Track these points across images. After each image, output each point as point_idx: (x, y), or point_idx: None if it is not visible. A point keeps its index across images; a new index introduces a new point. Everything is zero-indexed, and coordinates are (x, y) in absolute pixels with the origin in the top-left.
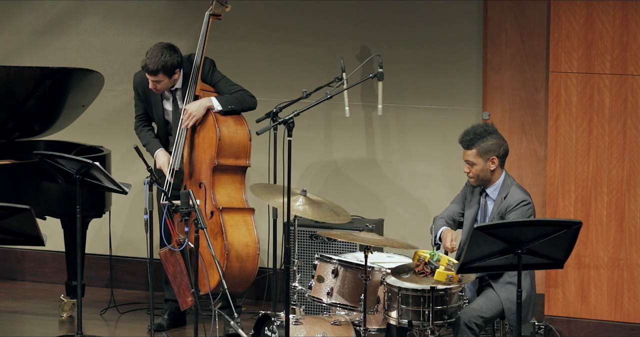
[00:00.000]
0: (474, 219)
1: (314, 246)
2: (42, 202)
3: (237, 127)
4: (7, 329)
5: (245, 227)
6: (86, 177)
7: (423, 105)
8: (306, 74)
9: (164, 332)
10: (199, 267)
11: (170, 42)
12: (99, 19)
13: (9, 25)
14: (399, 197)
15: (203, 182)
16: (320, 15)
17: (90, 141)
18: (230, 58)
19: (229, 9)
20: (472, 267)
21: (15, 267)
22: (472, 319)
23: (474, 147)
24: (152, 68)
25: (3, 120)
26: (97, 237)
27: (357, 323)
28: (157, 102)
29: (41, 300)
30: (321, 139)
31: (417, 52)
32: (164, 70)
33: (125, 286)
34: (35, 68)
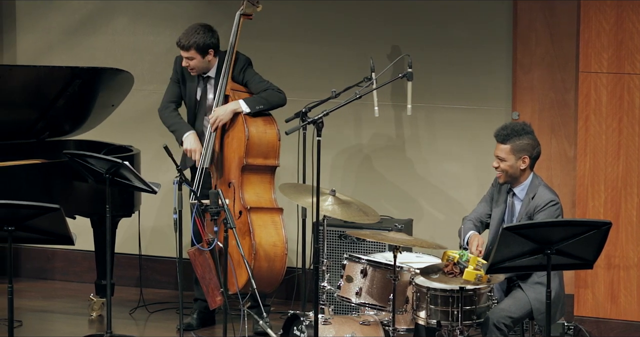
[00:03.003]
0: (501, 218)
1: (343, 246)
2: (72, 201)
3: (266, 127)
4: (37, 328)
5: (274, 227)
6: (116, 177)
7: (453, 106)
8: (336, 73)
9: (193, 332)
10: (227, 266)
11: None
12: (128, 19)
13: (39, 25)
14: (429, 197)
15: (232, 181)
16: (351, 15)
17: (119, 141)
18: (259, 58)
19: (260, 8)
20: (501, 267)
21: (46, 267)
22: (500, 320)
23: (509, 143)
24: (185, 43)
25: (33, 119)
26: (126, 236)
27: (385, 323)
28: (191, 85)
29: (71, 299)
30: (351, 138)
31: (447, 52)
32: (196, 47)
33: (155, 285)
34: (65, 68)
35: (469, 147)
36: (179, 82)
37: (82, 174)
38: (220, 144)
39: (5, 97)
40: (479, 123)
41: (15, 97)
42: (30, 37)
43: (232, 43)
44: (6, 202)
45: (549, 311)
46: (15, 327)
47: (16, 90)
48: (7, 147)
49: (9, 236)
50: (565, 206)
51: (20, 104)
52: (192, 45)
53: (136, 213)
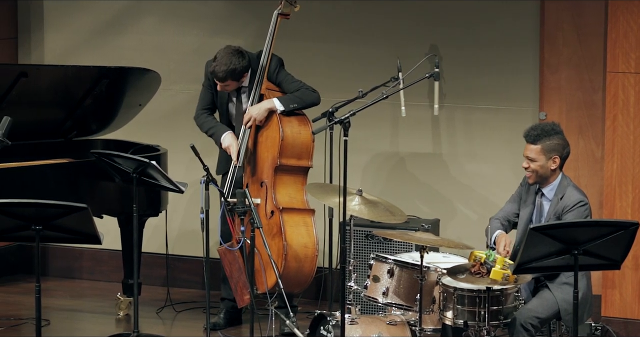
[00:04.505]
0: (529, 219)
1: (370, 246)
2: (99, 201)
3: (301, 127)
4: (64, 327)
5: (305, 228)
6: (143, 176)
7: (480, 106)
8: (362, 73)
9: (220, 331)
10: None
11: (238, 47)
12: (156, 19)
13: (66, 25)
14: (455, 197)
15: (265, 181)
16: (378, 15)
17: (147, 140)
18: (287, 57)
19: (298, 8)
20: (528, 267)
21: (73, 266)
22: (528, 320)
23: (539, 143)
24: (221, 76)
25: (61, 119)
26: (153, 235)
27: (412, 323)
28: (223, 93)
29: (98, 298)
30: (380, 138)
31: (474, 52)
32: (232, 77)
33: (182, 284)
34: (92, 67)
35: (495, 147)
36: (211, 87)
37: (109, 173)
38: (254, 143)
39: (33, 97)
40: (506, 123)
41: (43, 96)
42: (58, 37)
43: (269, 43)
44: (34, 201)
45: (577, 311)
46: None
47: (44, 90)
48: (35, 146)
49: (37, 235)
50: (592, 207)
51: (48, 103)
52: (229, 77)
53: (163, 212)
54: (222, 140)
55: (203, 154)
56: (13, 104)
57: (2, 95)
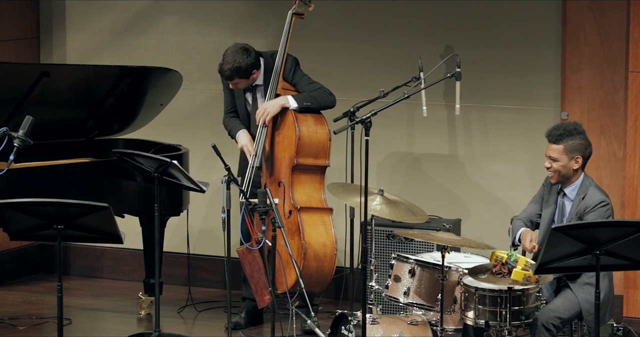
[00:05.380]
0: (551, 219)
1: (391, 246)
2: (120, 200)
3: (317, 126)
4: (86, 326)
5: (323, 227)
6: (164, 176)
7: (501, 105)
8: (384, 73)
9: (241, 331)
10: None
11: (244, 44)
12: (177, 19)
13: (88, 25)
14: (477, 197)
15: (282, 181)
16: (400, 14)
17: (168, 140)
18: (308, 57)
19: (312, 8)
20: (550, 267)
21: (95, 265)
22: (549, 320)
23: (561, 143)
24: (228, 74)
25: (83, 118)
26: (175, 235)
27: (433, 323)
28: (239, 94)
29: (119, 297)
30: (400, 138)
31: (496, 52)
32: (238, 75)
33: (203, 284)
34: (114, 67)
35: (518, 147)
36: (229, 91)
37: (130, 173)
38: (271, 143)
39: (55, 96)
40: (528, 123)
41: (65, 96)
42: (80, 37)
43: (284, 43)
44: (56, 200)
45: (598, 312)
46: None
47: (66, 90)
48: (57, 146)
49: (59, 235)
50: (614, 207)
51: (70, 103)
52: (235, 75)
53: (185, 212)
54: (237, 139)
55: (224, 153)
56: (35, 104)
57: (24, 95)
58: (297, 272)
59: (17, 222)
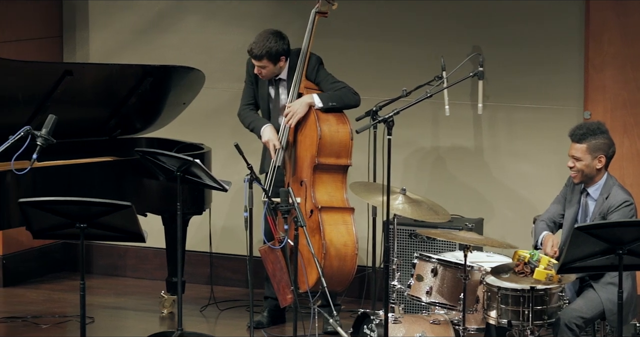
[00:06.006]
0: (574, 218)
1: (413, 245)
2: (143, 199)
3: (339, 126)
4: (109, 325)
5: (345, 226)
6: (187, 175)
7: (524, 105)
8: (406, 72)
9: (263, 330)
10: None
11: (278, 29)
12: (199, 18)
13: (111, 24)
14: (500, 196)
15: (304, 180)
16: (422, 14)
17: (191, 139)
18: (331, 55)
19: (335, 7)
20: (573, 267)
21: (117, 264)
22: (572, 320)
23: (585, 143)
24: (257, 53)
25: (105, 117)
26: (197, 234)
27: (456, 322)
28: (263, 86)
29: (142, 296)
30: (425, 137)
31: (519, 52)
32: (268, 56)
33: (225, 283)
34: (136, 66)
35: (541, 146)
36: (252, 84)
37: (153, 171)
38: (293, 142)
39: (78, 95)
40: (552, 122)
41: (88, 95)
42: (102, 36)
43: (307, 41)
44: (79, 199)
45: (621, 311)
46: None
47: (89, 88)
48: (80, 144)
49: (81, 233)
50: (638, 206)
51: (93, 101)
52: (265, 55)
53: (207, 211)
54: (261, 133)
55: (246, 152)
56: (58, 103)
57: (48, 94)
58: (319, 272)
59: (40, 221)
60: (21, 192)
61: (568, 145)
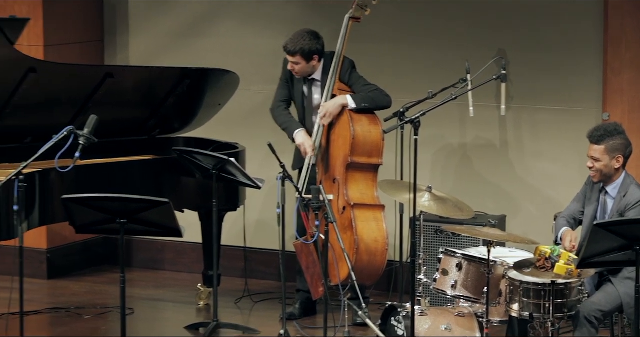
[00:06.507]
0: (594, 216)
1: (439, 241)
2: (180, 196)
3: (371, 126)
4: (148, 316)
5: (375, 223)
6: (222, 173)
7: (546, 107)
8: (433, 75)
9: (295, 321)
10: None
11: (314, 30)
12: (235, 22)
13: (150, 29)
14: (522, 194)
15: (337, 178)
16: (448, 19)
17: (226, 138)
18: (362, 59)
19: (369, 12)
20: (592, 262)
21: (156, 257)
22: (591, 313)
23: (603, 144)
24: (291, 49)
25: (145, 118)
26: (232, 229)
27: (479, 315)
28: (298, 85)
29: (180, 288)
30: (448, 137)
31: (540, 56)
32: (301, 53)
33: (259, 276)
34: (175, 68)
35: (562, 146)
36: (287, 82)
37: (190, 169)
38: (327, 141)
39: (118, 97)
40: (572, 123)
41: (128, 96)
42: (142, 40)
43: (341, 45)
44: (119, 196)
45: (639, 305)
46: (128, 315)
47: (129, 90)
48: (120, 143)
49: (122, 228)
50: None
51: (133, 102)
52: (298, 52)
53: (241, 207)
54: (294, 137)
55: (279, 151)
56: (100, 104)
57: (90, 95)
58: (349, 266)
59: (82, 217)
60: (64, 189)
61: (587, 145)
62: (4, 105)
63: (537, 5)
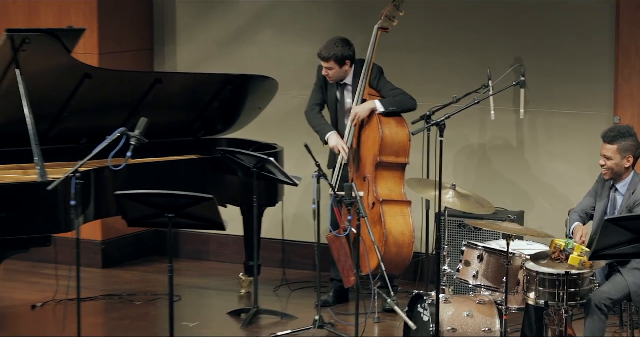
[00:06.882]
0: (604, 211)
1: (462, 234)
2: (223, 192)
3: (399, 128)
4: (195, 303)
5: (403, 217)
6: (262, 171)
7: (561, 111)
8: (457, 81)
9: (329, 308)
10: (360, 251)
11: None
12: (274, 32)
13: (195, 38)
14: (539, 191)
15: (367, 176)
16: (471, 30)
17: (266, 139)
18: (390, 66)
19: (396, 23)
20: (603, 255)
21: (201, 249)
22: (602, 301)
23: (615, 144)
24: (325, 55)
25: (191, 120)
26: (271, 223)
27: (499, 303)
28: (332, 90)
29: (223, 278)
30: (472, 139)
31: (557, 64)
32: (335, 59)
33: (296, 266)
34: (218, 75)
35: (575, 148)
36: (321, 88)
37: (233, 168)
38: (357, 143)
39: (167, 101)
40: (585, 126)
41: (176, 100)
42: (188, 48)
43: (370, 53)
44: (167, 192)
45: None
46: (175, 302)
47: (176, 95)
48: (168, 144)
49: (170, 222)
50: None
51: (180, 106)
52: (332, 57)
53: (280, 203)
54: (327, 140)
55: (314, 151)
56: (149, 107)
57: (140, 100)
58: (378, 257)
59: (134, 211)
60: (117, 186)
61: (599, 147)
62: (62, 109)
63: (553, 17)
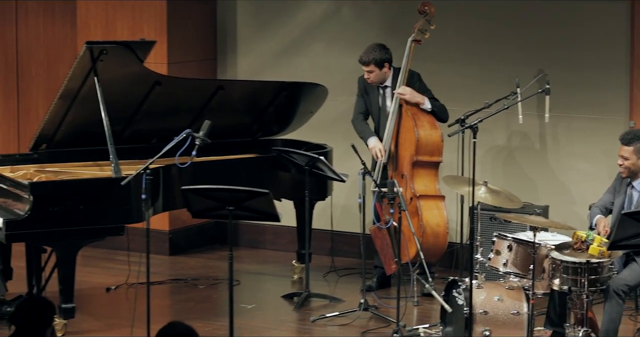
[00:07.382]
0: (622, 206)
1: (493, 226)
2: (278, 187)
3: (432, 130)
4: (252, 286)
5: (437, 210)
6: (313, 169)
7: (581, 115)
8: (488, 89)
9: (373, 292)
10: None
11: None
12: (324, 44)
13: (254, 49)
14: (563, 188)
15: (405, 174)
16: (497, 42)
17: (316, 140)
18: (426, 74)
19: (428, 36)
20: (620, 245)
21: (258, 239)
22: (619, 287)
23: (632, 145)
24: (365, 59)
25: (249, 123)
26: (321, 215)
27: (526, 288)
28: (374, 97)
29: (277, 264)
30: (502, 141)
31: (577, 73)
32: (374, 62)
33: (343, 254)
34: (274, 82)
35: (592, 149)
36: (363, 96)
37: (286, 166)
38: (395, 144)
39: (229, 106)
40: (603, 130)
41: (236, 105)
42: (248, 58)
43: (405, 63)
44: (228, 187)
45: None
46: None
47: (236, 100)
48: (229, 144)
49: (230, 214)
50: None
51: (240, 110)
52: (371, 61)
53: (329, 197)
54: (367, 142)
55: (360, 151)
56: (212, 111)
57: (204, 104)
58: (417, 246)
59: (198, 204)
60: (183, 181)
61: (616, 148)
62: (135, 112)
63: (573, 32)
